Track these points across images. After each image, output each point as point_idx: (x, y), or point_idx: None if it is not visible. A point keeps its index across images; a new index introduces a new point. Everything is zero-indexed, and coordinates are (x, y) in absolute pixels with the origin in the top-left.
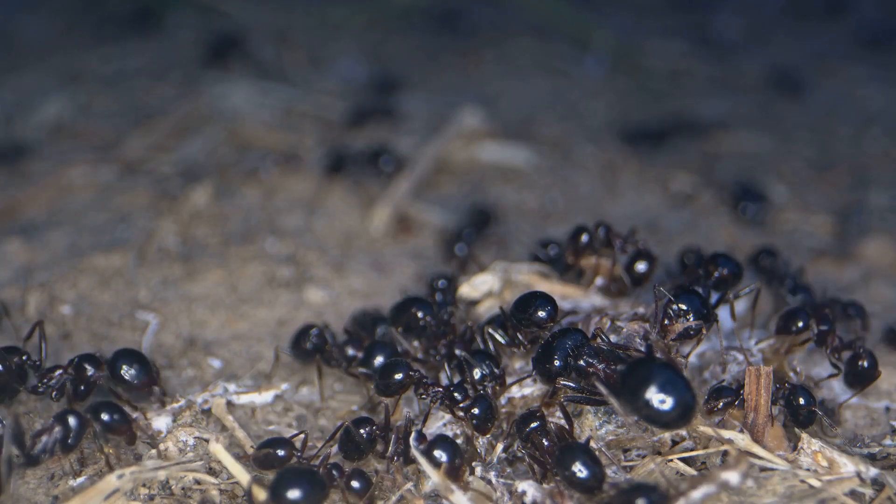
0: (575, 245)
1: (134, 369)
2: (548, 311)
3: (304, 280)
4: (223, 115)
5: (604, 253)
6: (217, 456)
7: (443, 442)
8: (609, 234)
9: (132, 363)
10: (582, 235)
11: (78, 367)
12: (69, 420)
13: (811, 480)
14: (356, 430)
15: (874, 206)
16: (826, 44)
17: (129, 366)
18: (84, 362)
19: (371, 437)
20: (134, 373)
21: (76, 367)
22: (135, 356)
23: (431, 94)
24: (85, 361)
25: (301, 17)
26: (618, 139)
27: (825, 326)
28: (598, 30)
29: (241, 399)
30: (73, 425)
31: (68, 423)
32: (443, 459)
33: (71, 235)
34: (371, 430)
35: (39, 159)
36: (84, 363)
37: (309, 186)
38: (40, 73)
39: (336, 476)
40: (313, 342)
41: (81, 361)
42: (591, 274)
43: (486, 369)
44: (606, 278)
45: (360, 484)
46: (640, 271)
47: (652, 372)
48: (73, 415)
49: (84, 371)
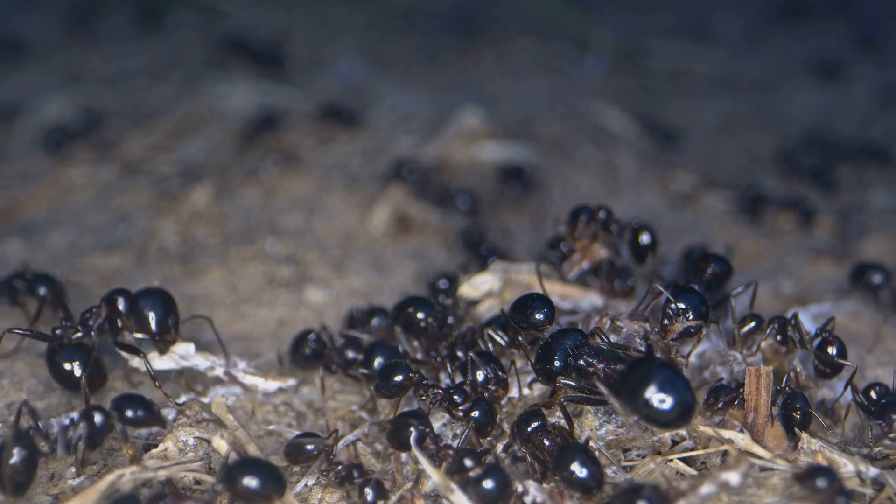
0: (574, 226)
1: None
2: (545, 314)
3: (304, 280)
4: (223, 115)
5: (602, 236)
6: (220, 453)
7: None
8: (609, 219)
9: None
10: (581, 216)
11: (109, 302)
12: (95, 416)
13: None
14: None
15: (874, 206)
16: (827, 44)
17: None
18: (116, 295)
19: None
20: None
21: (108, 301)
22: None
23: (431, 94)
24: (117, 295)
25: (301, 17)
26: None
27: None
28: (598, 30)
29: (247, 379)
30: (98, 422)
31: (93, 420)
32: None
33: (71, 235)
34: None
35: (40, 159)
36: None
37: (309, 186)
38: (40, 73)
39: (354, 476)
40: (312, 348)
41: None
42: (579, 256)
43: (490, 372)
44: (592, 263)
45: (374, 495)
46: (645, 243)
47: (651, 371)
48: (98, 411)
49: (115, 305)
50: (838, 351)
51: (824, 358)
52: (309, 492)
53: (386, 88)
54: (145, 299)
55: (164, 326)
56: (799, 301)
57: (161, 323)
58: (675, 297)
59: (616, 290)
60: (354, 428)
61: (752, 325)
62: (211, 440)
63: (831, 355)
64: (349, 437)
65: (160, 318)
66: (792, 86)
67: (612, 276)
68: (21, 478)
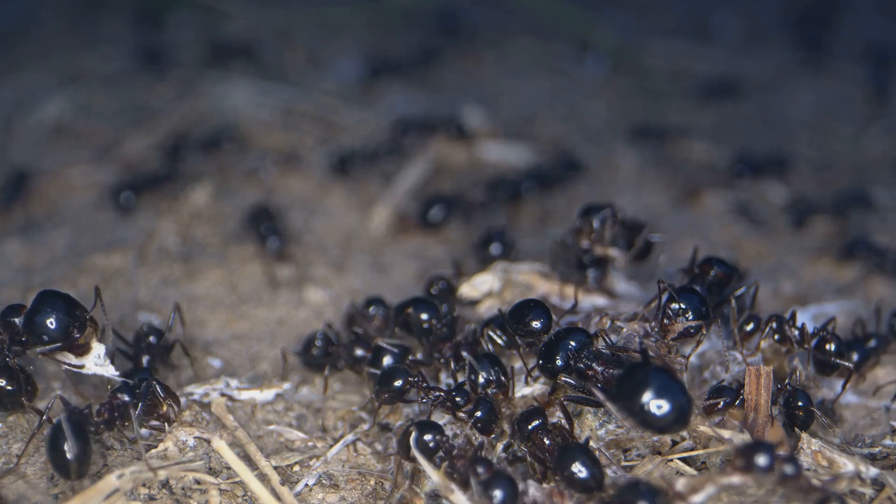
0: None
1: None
2: (542, 323)
3: (304, 280)
4: (223, 115)
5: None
6: (220, 453)
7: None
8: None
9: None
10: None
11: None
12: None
13: (811, 480)
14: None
15: (874, 206)
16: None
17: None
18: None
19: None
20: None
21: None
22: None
23: (431, 94)
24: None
25: (301, 17)
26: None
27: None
28: (598, 30)
29: (242, 395)
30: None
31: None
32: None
33: (71, 235)
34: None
35: (40, 159)
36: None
37: (309, 186)
38: (40, 73)
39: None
40: (320, 348)
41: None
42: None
43: (492, 375)
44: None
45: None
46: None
47: (647, 377)
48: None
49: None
50: (836, 350)
51: (822, 357)
52: (309, 492)
53: (386, 88)
54: (37, 308)
55: (66, 331)
56: (799, 301)
57: (62, 328)
58: (674, 297)
59: (589, 284)
60: (354, 428)
61: (752, 326)
62: (211, 440)
63: (829, 352)
64: (349, 438)
65: (59, 322)
66: (792, 86)
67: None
68: (83, 460)
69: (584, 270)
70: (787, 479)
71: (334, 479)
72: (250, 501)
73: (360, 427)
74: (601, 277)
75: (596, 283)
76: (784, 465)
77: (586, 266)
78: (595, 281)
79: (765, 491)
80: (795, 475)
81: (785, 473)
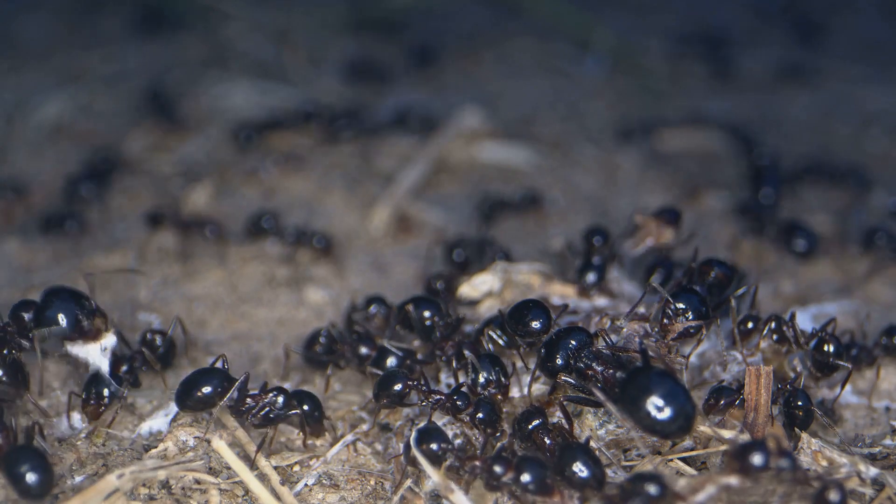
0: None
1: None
2: (541, 323)
3: (304, 280)
4: (223, 115)
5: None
6: (220, 453)
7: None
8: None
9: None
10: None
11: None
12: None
13: (811, 480)
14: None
15: (874, 206)
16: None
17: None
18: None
19: None
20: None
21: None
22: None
23: (431, 94)
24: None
25: (301, 17)
26: None
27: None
28: (598, 30)
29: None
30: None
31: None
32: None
33: (71, 235)
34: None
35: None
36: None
37: (309, 186)
38: (40, 73)
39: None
40: (324, 345)
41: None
42: (644, 234)
43: (492, 376)
44: (657, 242)
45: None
46: None
47: (651, 382)
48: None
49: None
50: (835, 351)
51: (820, 358)
52: (309, 492)
53: (385, 88)
54: (47, 302)
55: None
56: (799, 301)
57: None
58: (674, 297)
59: (584, 287)
60: (354, 428)
61: (751, 326)
62: (211, 440)
63: (828, 353)
64: (349, 438)
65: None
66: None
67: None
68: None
69: (587, 272)
70: (783, 473)
71: (334, 479)
72: (250, 501)
73: (360, 427)
74: (601, 279)
75: (596, 284)
76: (779, 459)
77: (590, 268)
78: (595, 282)
79: (764, 491)
80: (791, 468)
81: (781, 468)
